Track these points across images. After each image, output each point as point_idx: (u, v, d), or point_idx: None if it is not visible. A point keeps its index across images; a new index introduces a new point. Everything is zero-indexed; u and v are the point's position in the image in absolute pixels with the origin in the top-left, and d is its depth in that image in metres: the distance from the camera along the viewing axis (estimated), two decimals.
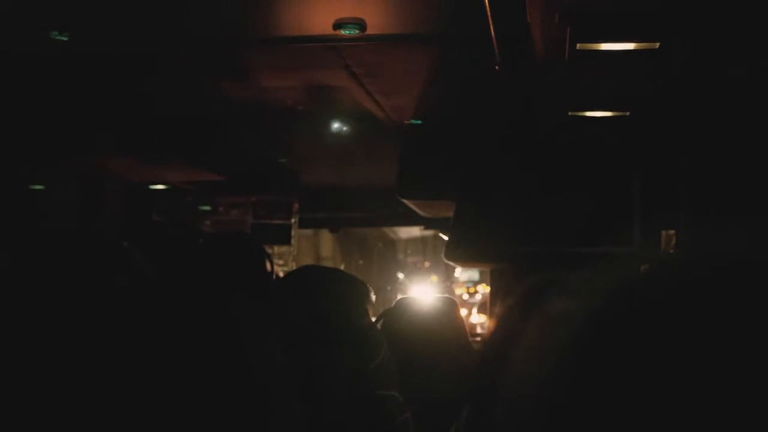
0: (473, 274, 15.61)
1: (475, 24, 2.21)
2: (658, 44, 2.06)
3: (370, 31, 2.40)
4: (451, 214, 3.75)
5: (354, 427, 1.82)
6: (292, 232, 5.23)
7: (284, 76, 3.01)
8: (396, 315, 3.05)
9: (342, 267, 9.86)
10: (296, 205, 5.27)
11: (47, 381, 1.18)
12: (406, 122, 3.59)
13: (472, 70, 2.79)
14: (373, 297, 2.07)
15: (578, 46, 2.09)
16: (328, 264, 11.06)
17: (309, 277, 2.12)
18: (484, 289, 13.81)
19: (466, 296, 16.25)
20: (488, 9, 2.02)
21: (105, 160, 4.08)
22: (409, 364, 2.81)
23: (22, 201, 4.58)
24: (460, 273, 15.83)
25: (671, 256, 2.84)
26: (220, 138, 4.05)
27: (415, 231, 11.15)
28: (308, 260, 9.44)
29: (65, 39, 2.46)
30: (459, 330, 3.10)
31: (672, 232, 3.47)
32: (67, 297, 1.43)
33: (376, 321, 2.73)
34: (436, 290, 12.55)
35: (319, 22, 2.35)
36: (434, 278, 15.27)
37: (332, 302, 1.96)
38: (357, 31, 2.39)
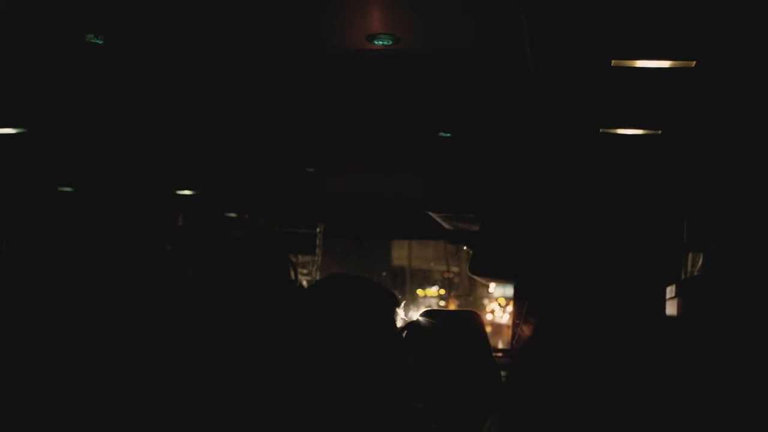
0: (507, 290, 15.42)
1: (508, 40, 2.21)
2: (694, 63, 2.05)
3: (402, 45, 2.41)
4: (476, 228, 3.74)
5: None
6: (317, 242, 5.24)
7: (317, 86, 3.03)
8: (421, 327, 3.04)
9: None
10: (321, 218, 5.28)
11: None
12: (435, 135, 3.59)
13: (504, 85, 2.79)
14: (401, 308, 2.07)
15: (613, 62, 2.08)
16: None
17: (336, 286, 2.12)
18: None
19: (497, 311, 15.94)
20: (523, 25, 2.02)
21: (134, 162, 4.11)
22: (433, 375, 2.81)
23: (50, 203, 4.63)
24: (494, 288, 15.67)
25: (698, 279, 2.81)
26: (249, 145, 4.07)
27: None
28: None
29: (100, 42, 2.49)
30: (481, 343, 3.09)
31: (699, 254, 3.44)
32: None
33: (402, 331, 2.72)
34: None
35: (354, 34, 2.36)
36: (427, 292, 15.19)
37: (360, 312, 1.96)
38: (390, 44, 2.40)
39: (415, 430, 1.89)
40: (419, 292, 15.97)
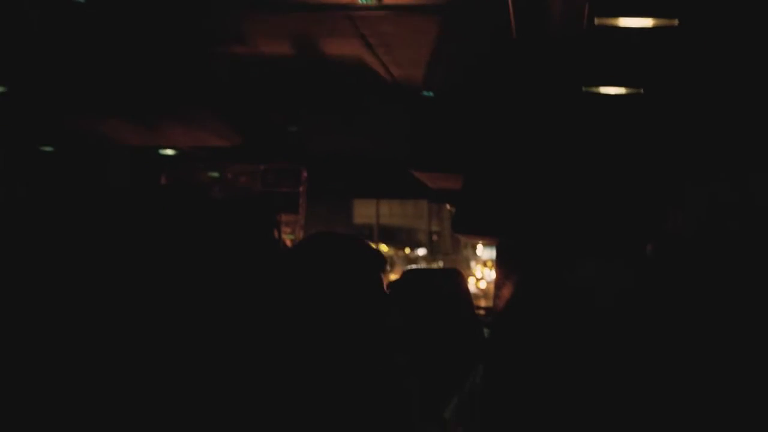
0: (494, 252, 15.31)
1: None
2: (677, 21, 2.06)
3: (386, 0, 2.40)
4: (460, 187, 3.75)
5: (364, 388, 1.85)
6: (300, 201, 5.24)
7: (298, 44, 3.01)
8: (404, 285, 3.07)
9: None
10: (305, 174, 5.27)
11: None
12: (418, 93, 3.59)
13: (487, 42, 2.79)
14: (387, 266, 2.09)
15: (596, 20, 2.08)
16: None
17: (321, 245, 2.13)
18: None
19: (486, 274, 15.81)
20: None
21: (111, 122, 4.08)
22: (416, 332, 2.84)
23: (31, 163, 4.60)
24: (482, 251, 15.58)
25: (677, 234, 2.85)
26: (230, 104, 4.05)
27: None
28: None
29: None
30: (465, 300, 3.12)
31: (678, 209, 3.47)
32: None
33: (386, 288, 2.75)
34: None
35: None
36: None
37: (345, 271, 1.97)
38: (374, 1, 2.39)
39: (397, 383, 1.92)
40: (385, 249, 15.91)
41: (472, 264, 17.15)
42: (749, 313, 1.74)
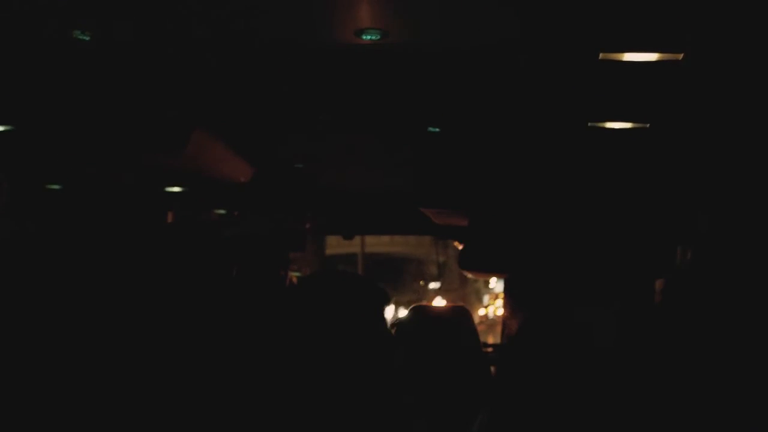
0: None
1: (497, 33, 2.21)
2: (681, 55, 2.05)
3: (391, 39, 2.40)
4: (466, 223, 3.74)
5: (372, 430, 1.82)
6: (307, 238, 5.23)
7: (305, 81, 3.02)
8: (410, 323, 3.04)
9: None
10: (310, 213, 5.27)
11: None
12: (424, 130, 3.59)
13: (493, 79, 2.79)
14: (391, 304, 2.07)
15: (601, 55, 2.08)
16: None
17: (325, 282, 2.11)
18: None
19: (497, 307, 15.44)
20: (511, 19, 2.02)
21: (120, 158, 4.09)
22: (423, 371, 2.81)
23: (39, 200, 4.61)
24: (495, 283, 15.34)
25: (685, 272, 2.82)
26: (237, 141, 4.06)
27: None
28: None
29: (88, 38, 2.47)
30: (471, 338, 3.10)
31: (688, 248, 3.45)
32: None
33: (391, 328, 2.72)
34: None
35: (342, 28, 2.35)
36: None
37: (350, 309, 1.96)
38: (378, 38, 2.39)
39: (404, 425, 1.89)
40: None
41: (486, 298, 16.94)
42: (759, 347, 1.72)
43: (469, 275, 5.10)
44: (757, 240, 2.50)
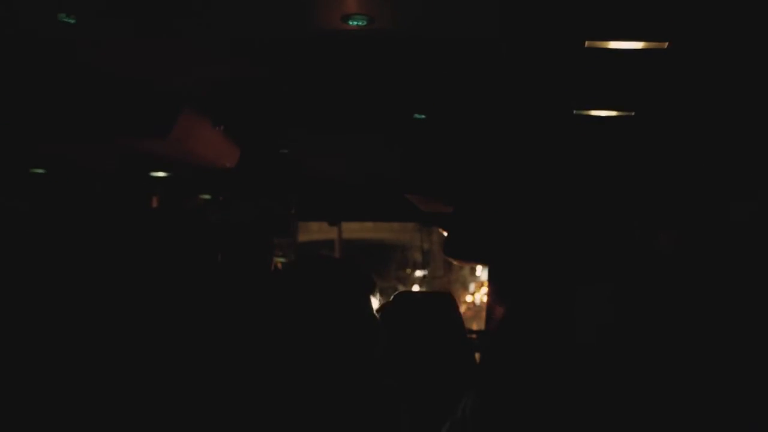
0: None
1: (482, 21, 2.21)
2: (666, 44, 2.06)
3: (378, 24, 2.40)
4: (451, 210, 3.75)
5: (354, 413, 1.83)
6: (292, 224, 5.22)
7: (290, 68, 3.01)
8: (394, 309, 3.05)
9: None
10: (296, 198, 5.26)
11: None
12: (410, 117, 3.59)
13: (479, 66, 2.79)
14: (377, 289, 2.08)
15: (587, 43, 2.08)
16: None
17: (311, 268, 2.12)
18: None
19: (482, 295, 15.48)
20: (497, 6, 2.02)
21: (104, 143, 4.07)
22: (406, 356, 2.82)
23: (24, 185, 4.58)
24: (481, 271, 15.26)
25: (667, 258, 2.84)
26: (222, 127, 4.05)
27: None
28: None
29: (73, 21, 2.46)
30: (456, 324, 3.11)
31: (672, 231, 3.46)
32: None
33: (376, 313, 2.73)
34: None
35: (328, 13, 2.35)
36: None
37: (336, 293, 1.96)
38: (365, 23, 2.39)
39: (386, 409, 1.90)
40: None
41: (472, 286, 16.93)
42: (739, 337, 1.73)
43: (455, 262, 5.12)
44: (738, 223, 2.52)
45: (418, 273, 15.54)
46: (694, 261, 2.16)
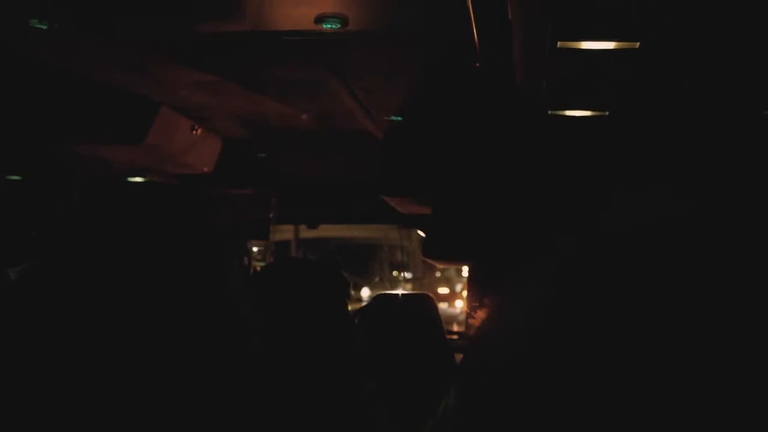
0: None
1: (456, 22, 2.22)
2: (638, 44, 2.08)
3: (352, 26, 2.40)
4: (429, 212, 3.75)
5: (333, 415, 1.83)
6: (270, 227, 5.21)
7: (265, 70, 3.01)
8: (374, 311, 3.06)
9: None
10: (273, 200, 5.25)
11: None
12: (386, 118, 3.59)
13: (453, 67, 2.80)
14: (352, 291, 2.08)
15: (559, 44, 2.10)
16: None
17: (287, 271, 2.12)
18: None
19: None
20: (470, 7, 2.03)
21: (79, 149, 4.05)
22: (385, 358, 2.82)
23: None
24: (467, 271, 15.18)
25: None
26: (200, 131, 4.03)
27: None
28: None
29: (45, 27, 2.44)
30: (435, 325, 3.12)
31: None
32: None
33: (354, 316, 2.74)
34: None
35: (301, 16, 2.34)
36: None
37: (311, 296, 1.96)
38: (339, 26, 2.39)
39: (365, 410, 1.90)
40: None
41: (458, 287, 16.87)
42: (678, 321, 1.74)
43: (434, 264, 5.13)
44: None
45: (406, 275, 15.46)
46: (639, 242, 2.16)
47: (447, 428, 1.75)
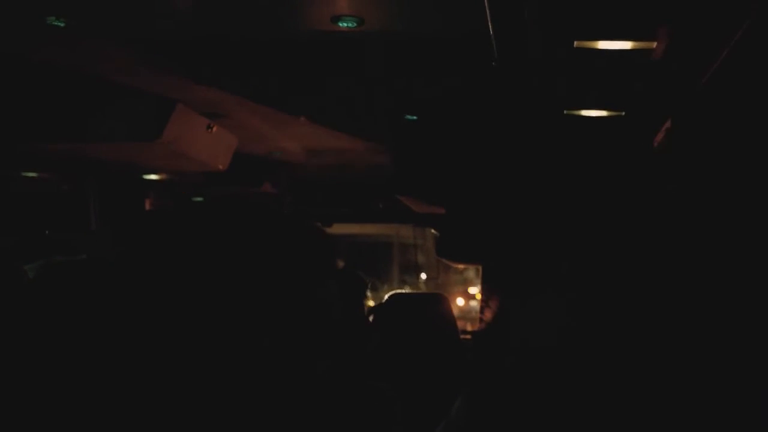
0: None
1: (472, 22, 2.21)
2: (655, 44, 2.07)
3: (368, 26, 2.40)
4: (443, 211, 3.75)
5: (342, 415, 1.83)
6: None
7: (281, 70, 3.01)
8: (388, 310, 3.06)
9: None
10: (289, 198, 5.26)
11: None
12: (402, 118, 3.59)
13: (470, 67, 2.80)
14: (369, 291, 2.08)
15: (576, 43, 2.09)
16: None
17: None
18: None
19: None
20: (486, 6, 2.02)
21: (95, 147, 4.07)
22: (399, 357, 2.83)
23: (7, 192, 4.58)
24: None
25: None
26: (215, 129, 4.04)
27: None
28: None
29: (62, 24, 2.45)
30: (448, 325, 3.12)
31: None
32: None
33: (368, 314, 2.74)
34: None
35: (318, 15, 2.35)
36: None
37: (328, 296, 1.96)
38: (355, 26, 2.39)
39: (380, 411, 1.90)
40: None
41: (474, 290, 16.78)
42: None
43: (449, 264, 5.12)
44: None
45: (422, 276, 15.43)
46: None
47: (459, 429, 1.74)
